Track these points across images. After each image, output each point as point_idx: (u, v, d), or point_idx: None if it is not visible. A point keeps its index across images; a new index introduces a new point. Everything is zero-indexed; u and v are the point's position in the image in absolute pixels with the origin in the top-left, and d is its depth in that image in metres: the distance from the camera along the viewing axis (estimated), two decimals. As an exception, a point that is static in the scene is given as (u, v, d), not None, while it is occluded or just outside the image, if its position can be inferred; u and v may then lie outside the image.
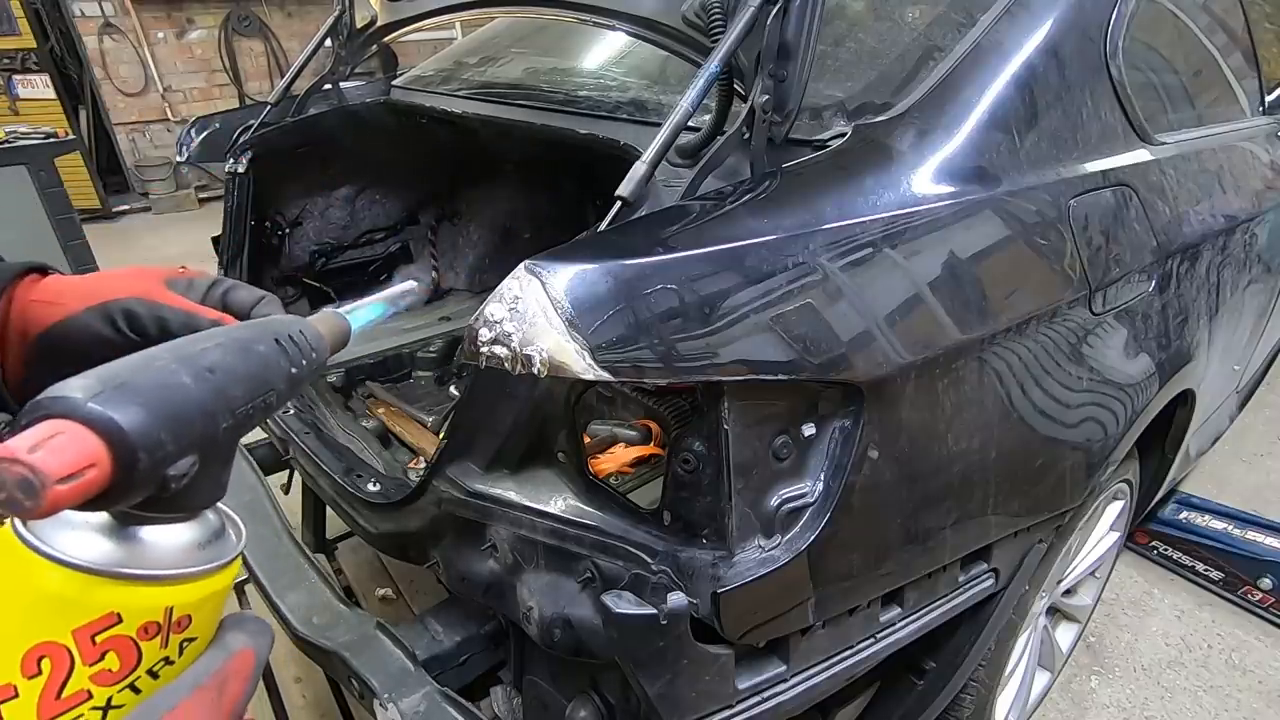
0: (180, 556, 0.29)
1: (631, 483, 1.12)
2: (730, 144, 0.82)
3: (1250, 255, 1.45)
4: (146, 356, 0.27)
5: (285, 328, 0.34)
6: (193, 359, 0.28)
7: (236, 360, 0.30)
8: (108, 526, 0.27)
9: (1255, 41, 1.63)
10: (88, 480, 0.23)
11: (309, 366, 0.34)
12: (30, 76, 5.52)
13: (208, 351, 0.29)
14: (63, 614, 0.26)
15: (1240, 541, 1.88)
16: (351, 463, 1.24)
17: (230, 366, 0.29)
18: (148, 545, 0.28)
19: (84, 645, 0.26)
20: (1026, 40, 0.95)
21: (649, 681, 0.75)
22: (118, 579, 0.26)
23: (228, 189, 1.55)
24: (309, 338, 0.35)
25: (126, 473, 0.24)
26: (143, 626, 0.27)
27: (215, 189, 6.17)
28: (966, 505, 0.91)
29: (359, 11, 1.60)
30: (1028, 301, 0.90)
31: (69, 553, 0.26)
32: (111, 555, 0.27)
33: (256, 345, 0.31)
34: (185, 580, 0.28)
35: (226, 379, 0.28)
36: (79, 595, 0.26)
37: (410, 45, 5.88)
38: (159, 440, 0.25)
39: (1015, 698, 1.45)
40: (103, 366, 0.26)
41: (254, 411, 0.30)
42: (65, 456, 0.22)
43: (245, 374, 0.30)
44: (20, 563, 0.26)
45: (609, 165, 1.01)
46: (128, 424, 0.24)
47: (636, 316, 0.62)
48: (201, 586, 0.29)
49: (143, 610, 0.27)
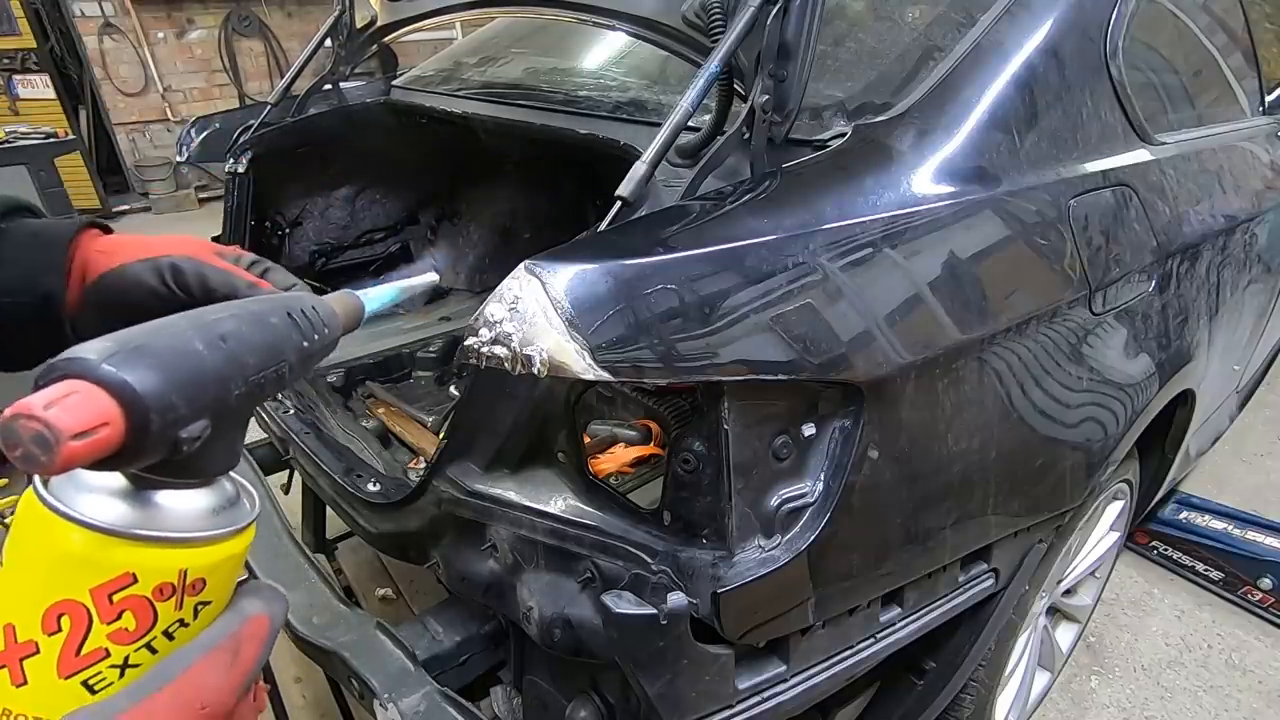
0: (195, 521, 0.29)
1: (631, 483, 1.12)
2: (730, 144, 0.82)
3: (1250, 255, 1.45)
4: (162, 323, 0.28)
5: (299, 303, 0.35)
6: (207, 327, 0.29)
7: (250, 330, 0.30)
8: (124, 490, 0.28)
9: (1255, 41, 1.63)
10: (101, 438, 0.24)
11: (321, 342, 0.35)
12: (30, 76, 5.52)
13: (222, 321, 0.30)
14: (81, 573, 0.27)
15: (1240, 541, 1.88)
16: (351, 463, 1.24)
17: (244, 335, 0.30)
18: (163, 509, 0.29)
19: (101, 604, 0.27)
20: (1026, 40, 0.95)
21: (649, 681, 0.75)
22: (133, 540, 0.27)
23: (228, 189, 1.55)
24: (322, 314, 0.36)
25: (139, 433, 0.25)
26: (158, 587, 0.28)
27: (215, 189, 6.17)
28: (966, 505, 0.91)
29: (359, 11, 1.60)
30: (1028, 301, 0.90)
31: (87, 514, 0.27)
32: (128, 517, 0.28)
33: (269, 317, 0.32)
34: (199, 544, 0.29)
35: (240, 347, 0.29)
36: (96, 555, 0.27)
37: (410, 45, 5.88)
38: (171, 402, 0.26)
39: (1015, 698, 1.45)
40: (119, 331, 0.27)
41: (266, 381, 0.31)
42: (79, 414, 0.23)
43: (259, 344, 0.30)
44: (41, 523, 0.27)
45: (609, 165, 1.01)
46: (140, 385, 0.25)
47: (636, 316, 0.62)
48: (216, 550, 0.30)
49: (158, 571, 0.28)
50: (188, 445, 0.27)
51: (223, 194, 1.59)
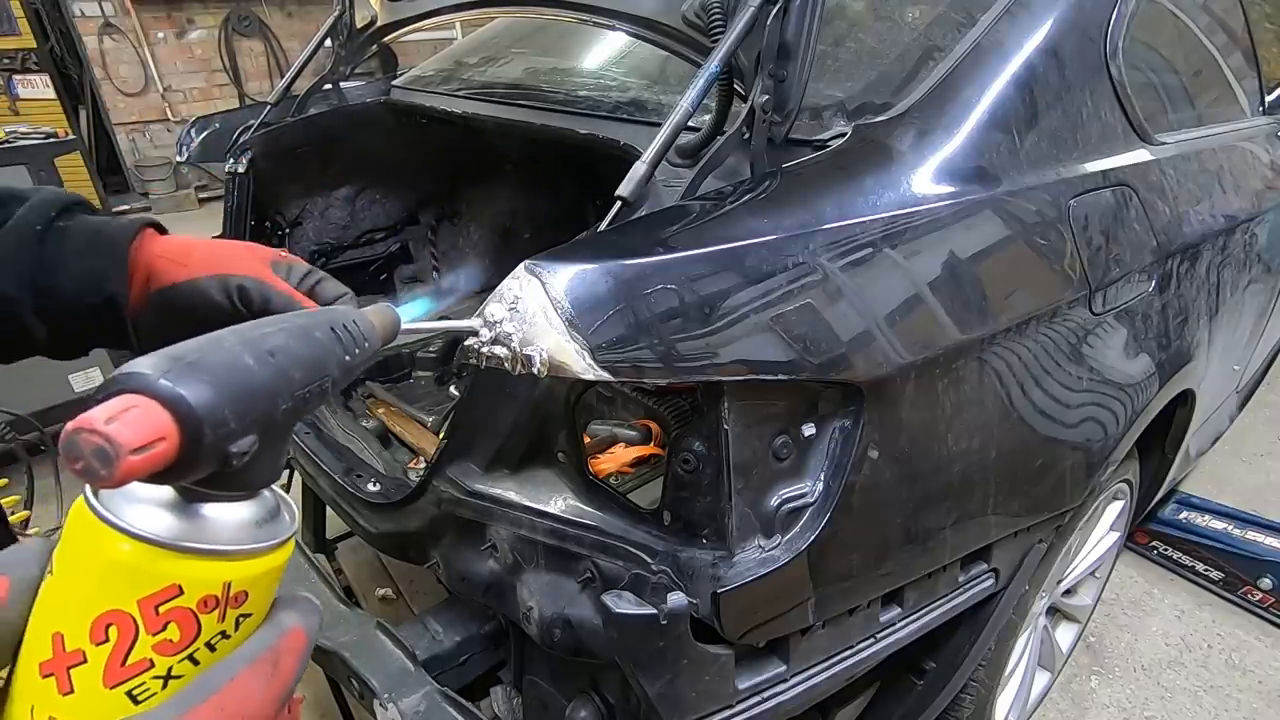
0: (239, 533, 0.30)
1: (631, 483, 1.12)
2: (730, 144, 0.82)
3: (1250, 255, 1.45)
4: (214, 338, 0.29)
5: (341, 317, 0.35)
6: (257, 342, 0.29)
7: (297, 345, 0.31)
8: (172, 502, 0.28)
9: (1255, 41, 1.63)
10: (158, 452, 0.24)
11: (361, 355, 0.36)
12: (30, 76, 5.51)
13: (270, 335, 0.30)
14: (129, 583, 0.27)
15: (1240, 541, 1.88)
16: (351, 463, 1.24)
17: (291, 351, 0.30)
18: (209, 521, 0.29)
19: (148, 615, 0.27)
20: (1026, 40, 0.95)
21: (649, 681, 0.75)
22: (181, 552, 0.28)
23: (228, 189, 1.55)
24: (362, 328, 0.36)
25: (193, 447, 0.25)
26: (202, 600, 0.28)
27: (215, 189, 6.17)
28: (966, 505, 0.91)
29: (359, 11, 1.60)
30: (1028, 301, 0.90)
31: (136, 525, 0.27)
32: (175, 529, 0.28)
33: (314, 331, 0.33)
34: (244, 556, 0.29)
35: (287, 362, 0.30)
36: (145, 566, 0.27)
37: (410, 45, 5.88)
38: (224, 417, 0.26)
39: (1015, 698, 1.45)
40: (173, 346, 0.27)
41: (310, 395, 0.31)
42: (138, 429, 0.24)
43: (305, 359, 0.31)
44: (91, 534, 0.27)
45: (609, 165, 1.01)
46: (196, 401, 0.25)
47: (636, 316, 0.62)
48: (259, 563, 0.30)
49: (203, 583, 0.28)
50: (237, 460, 0.27)
51: (223, 194, 1.59)
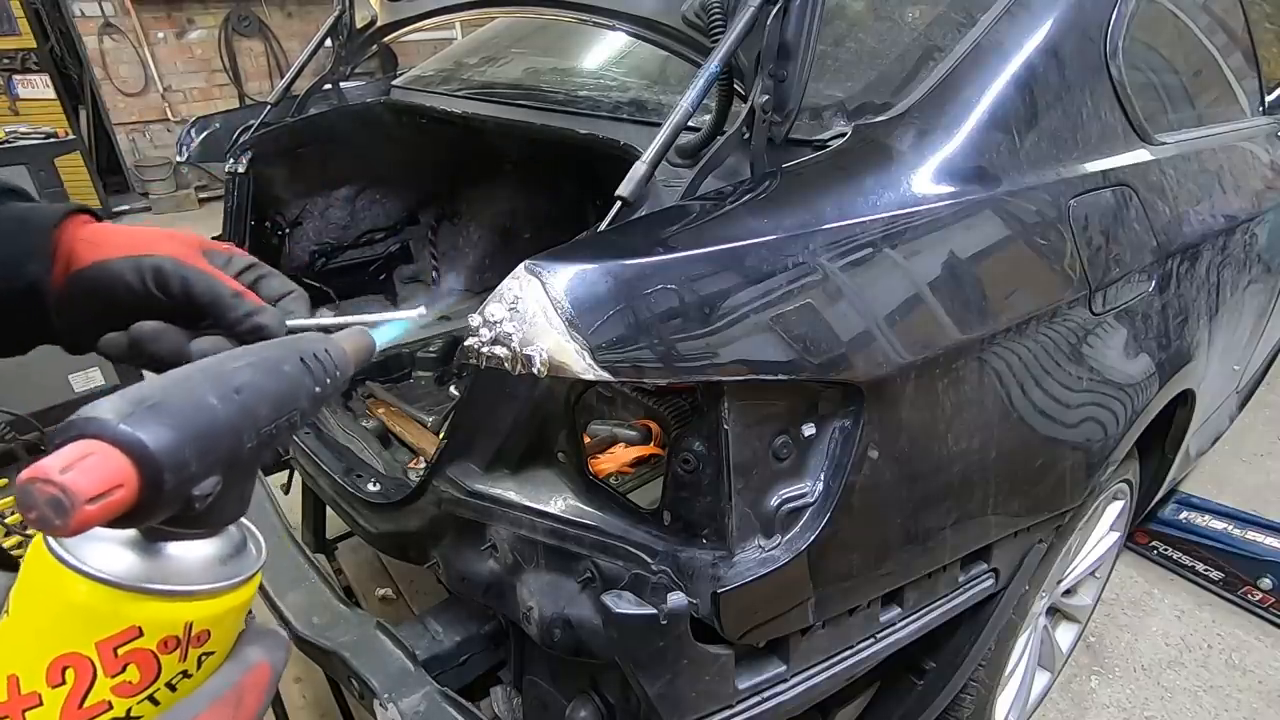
0: (202, 572, 0.29)
1: (631, 483, 1.12)
2: (730, 144, 0.82)
3: (1250, 255, 1.45)
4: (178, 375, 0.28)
5: (311, 346, 0.34)
6: (223, 379, 0.29)
7: (264, 380, 0.30)
8: (133, 541, 0.28)
9: (1255, 41, 1.63)
10: (115, 500, 0.24)
11: (332, 385, 0.35)
12: (30, 76, 5.52)
13: (238, 371, 0.30)
14: (87, 625, 0.27)
15: (1240, 541, 1.88)
16: (351, 463, 1.24)
17: (258, 386, 0.30)
18: (171, 560, 0.28)
19: (106, 657, 0.27)
20: (1026, 40, 0.95)
21: (649, 681, 0.75)
22: (141, 594, 0.27)
23: (228, 189, 1.55)
24: (334, 356, 0.35)
25: (153, 492, 0.25)
26: (163, 640, 0.28)
27: (215, 189, 6.16)
28: (966, 505, 0.91)
29: (359, 11, 1.60)
30: (1028, 301, 0.90)
31: (96, 566, 0.27)
32: (136, 570, 0.28)
33: (284, 365, 0.32)
34: (206, 596, 0.29)
35: (254, 398, 0.29)
36: (104, 608, 0.27)
37: (410, 45, 5.88)
38: (185, 461, 0.26)
39: (1015, 698, 1.45)
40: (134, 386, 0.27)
41: (278, 431, 0.30)
42: (95, 476, 0.23)
43: (272, 393, 0.30)
44: (50, 574, 0.27)
45: (609, 165, 1.01)
46: (155, 445, 0.25)
47: (636, 316, 0.62)
48: (222, 602, 0.30)
49: (164, 625, 0.28)
50: (200, 502, 0.27)
51: (223, 194, 1.59)
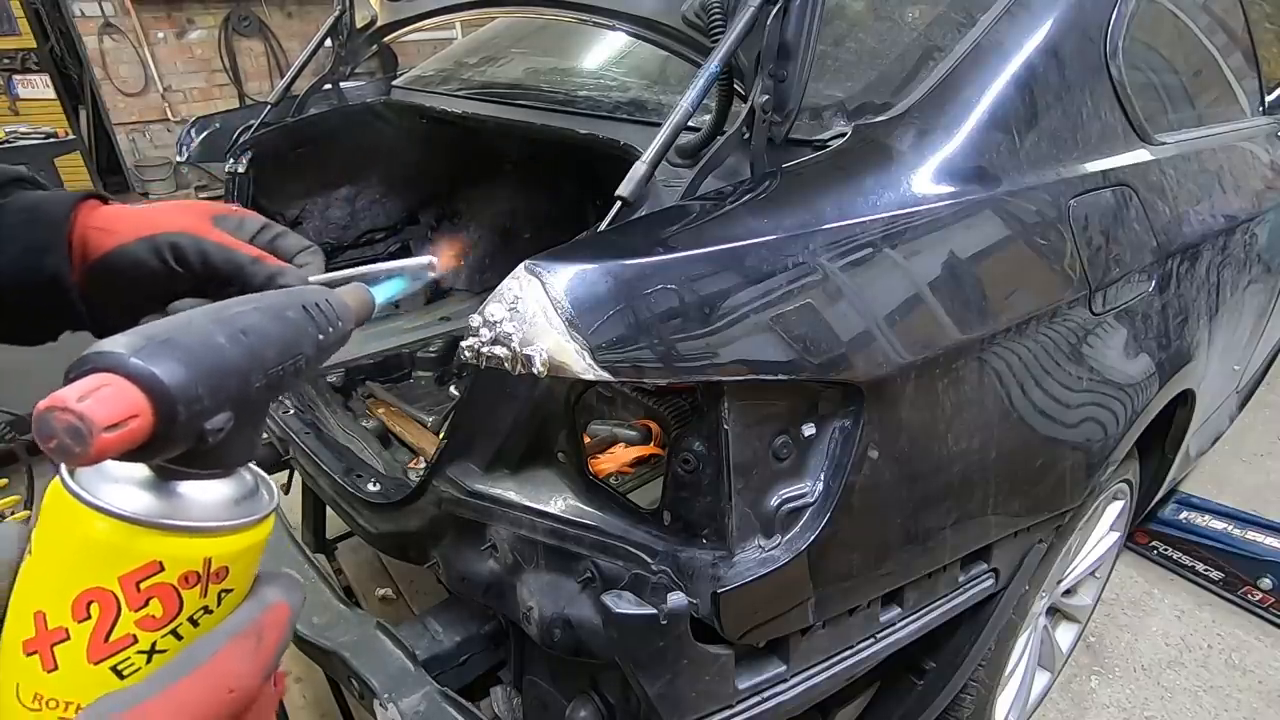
0: (218, 510, 0.30)
1: (631, 483, 1.12)
2: (730, 144, 0.82)
3: (1250, 255, 1.45)
4: (186, 318, 0.29)
5: (313, 296, 0.36)
6: (228, 321, 0.30)
7: (269, 324, 0.31)
8: (149, 481, 0.29)
9: (1255, 41, 1.63)
10: (131, 430, 0.24)
11: (335, 335, 0.36)
12: (30, 76, 5.52)
13: (243, 314, 0.31)
14: (109, 561, 0.28)
15: (1240, 541, 1.88)
16: (351, 463, 1.24)
17: (263, 330, 0.31)
18: (187, 499, 0.29)
19: (129, 591, 0.28)
20: (1026, 40, 0.95)
21: (649, 681, 0.75)
22: (160, 529, 0.28)
23: (228, 189, 1.55)
24: (335, 308, 0.37)
25: (167, 424, 0.26)
26: (183, 575, 0.29)
27: (215, 189, 6.16)
28: (966, 505, 0.91)
29: (359, 11, 1.60)
30: (1028, 301, 0.90)
31: (114, 504, 0.27)
32: (154, 507, 0.28)
33: (286, 311, 0.33)
34: (223, 533, 0.30)
35: (259, 341, 0.30)
36: (124, 544, 0.28)
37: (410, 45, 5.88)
38: (197, 395, 0.27)
39: (1015, 698, 1.45)
40: (145, 325, 0.28)
41: (284, 374, 0.32)
42: (111, 406, 0.24)
43: (277, 337, 0.31)
44: (70, 514, 0.28)
45: (609, 165, 1.01)
46: (168, 378, 0.26)
47: (636, 316, 0.62)
48: (238, 539, 0.31)
49: (183, 560, 0.29)
50: (212, 437, 0.28)
51: (223, 194, 1.59)
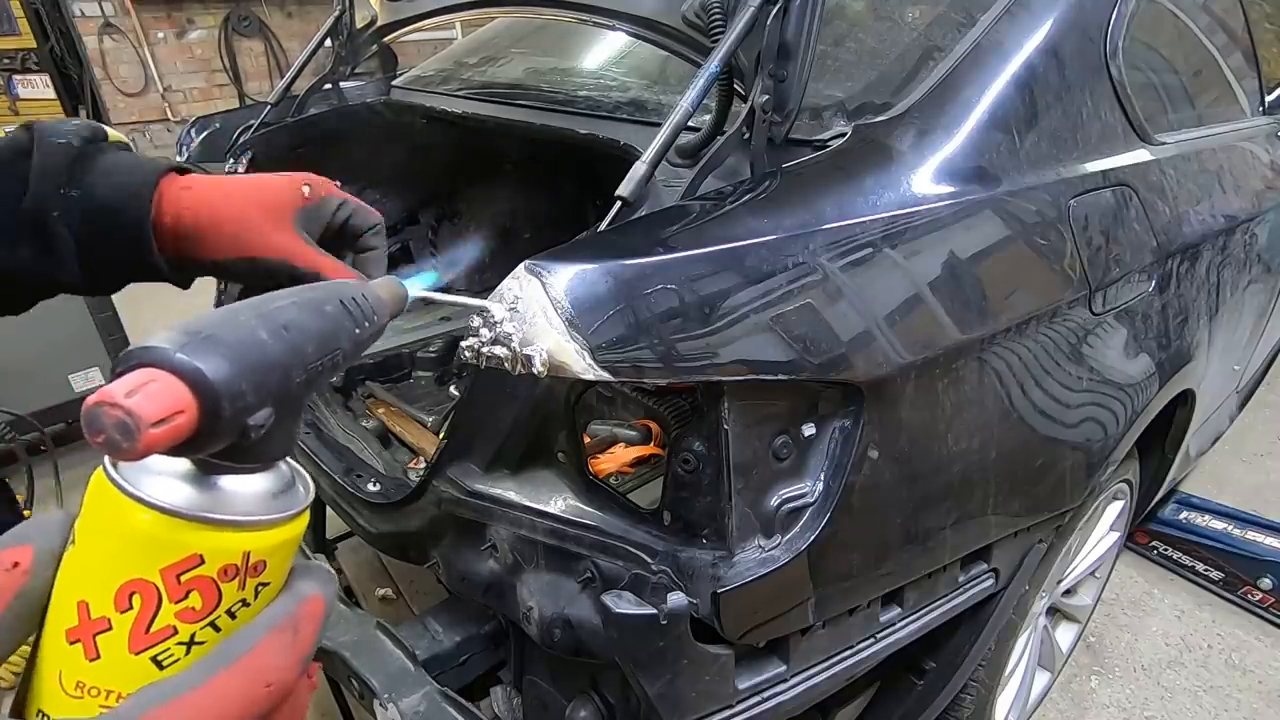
0: (256, 504, 0.30)
1: (631, 483, 1.12)
2: (730, 144, 0.82)
3: (1250, 255, 1.45)
4: (229, 312, 0.29)
5: (350, 291, 0.36)
6: (270, 316, 0.30)
7: (309, 319, 0.32)
8: (190, 474, 0.29)
9: (1255, 41, 1.63)
10: (177, 425, 0.25)
11: (370, 329, 0.36)
12: (30, 76, 5.52)
13: (284, 309, 0.31)
14: (152, 553, 0.28)
15: (1240, 541, 1.88)
16: (351, 463, 1.24)
17: (303, 325, 0.31)
18: (227, 493, 0.29)
19: (170, 583, 0.28)
20: (1026, 40, 0.95)
21: (649, 681, 0.75)
22: (201, 523, 0.28)
23: (228, 189, 1.55)
24: (371, 301, 0.37)
25: (212, 420, 0.26)
26: (222, 569, 0.29)
27: (215, 189, 6.14)
28: (966, 505, 0.91)
29: (359, 11, 1.60)
30: (1028, 301, 0.90)
31: (156, 496, 0.28)
32: (195, 500, 0.29)
33: (325, 306, 0.33)
34: (262, 527, 0.30)
35: (300, 336, 0.30)
36: (166, 536, 0.28)
37: (410, 45, 5.88)
38: (241, 390, 0.27)
39: (1015, 698, 1.45)
40: (188, 320, 0.28)
41: (323, 368, 0.32)
42: (158, 402, 0.24)
43: (316, 332, 0.32)
44: (113, 505, 0.28)
45: (609, 165, 1.01)
46: (213, 374, 0.26)
47: (636, 316, 0.62)
48: (276, 534, 0.31)
49: (223, 553, 0.29)
50: (254, 432, 0.28)
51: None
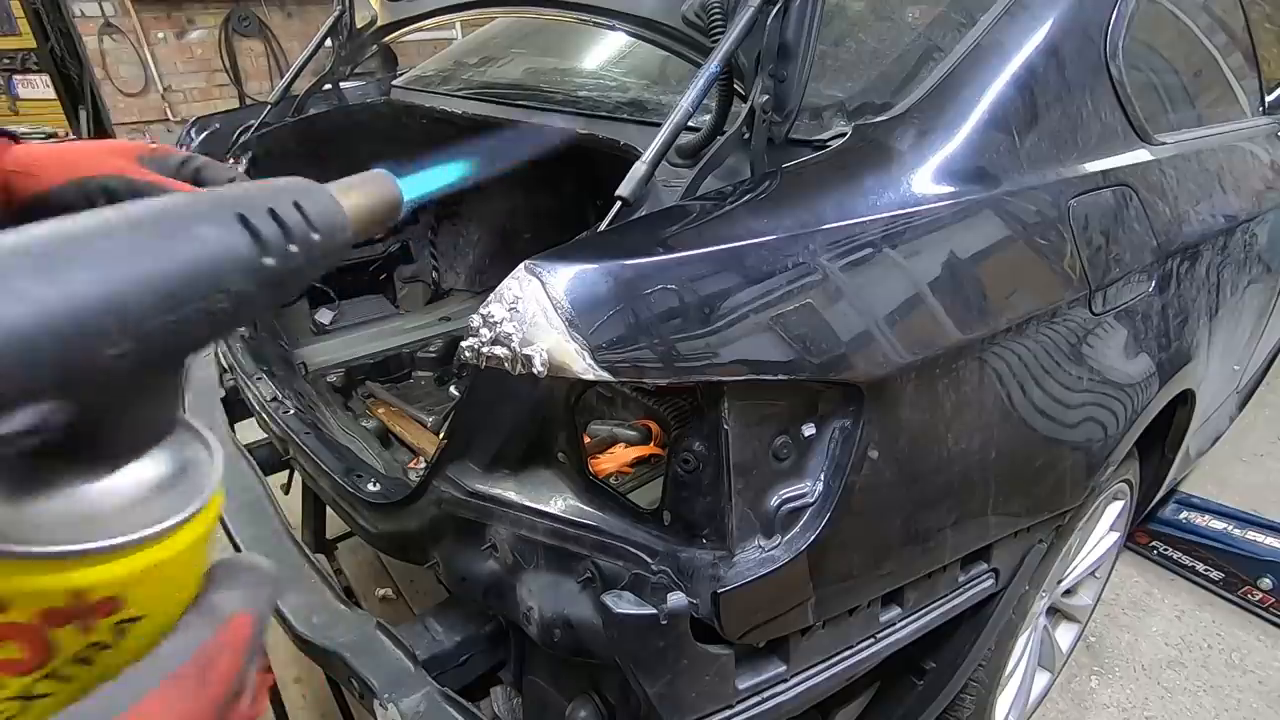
0: (79, 529, 0.21)
1: (631, 483, 1.12)
2: (730, 144, 0.82)
3: (1250, 255, 1.45)
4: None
5: (263, 200, 0.24)
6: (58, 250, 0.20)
7: (144, 250, 0.21)
8: None
9: (1255, 41, 1.63)
10: None
11: (305, 253, 0.25)
12: (30, 76, 5.52)
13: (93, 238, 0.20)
14: None
15: (1240, 541, 1.88)
16: (351, 463, 1.24)
17: (127, 260, 0.21)
18: (29, 514, 0.21)
19: None
20: (1026, 40, 0.95)
21: (649, 681, 0.75)
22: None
23: (228, 189, 1.55)
24: (312, 212, 0.25)
25: None
26: (41, 614, 0.21)
27: (215, 189, 6.14)
28: (966, 505, 0.91)
29: (359, 11, 1.60)
30: (1028, 302, 0.90)
31: None
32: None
33: (195, 226, 0.22)
34: (93, 558, 0.21)
35: (118, 279, 0.20)
36: None
37: (410, 45, 5.88)
38: None
39: (1015, 698, 1.45)
40: None
41: (179, 324, 0.21)
42: None
43: (159, 272, 0.21)
44: None
45: (609, 165, 1.01)
46: None
47: (636, 316, 0.62)
48: (123, 564, 0.22)
49: (32, 596, 0.21)
50: (13, 443, 0.19)
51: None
